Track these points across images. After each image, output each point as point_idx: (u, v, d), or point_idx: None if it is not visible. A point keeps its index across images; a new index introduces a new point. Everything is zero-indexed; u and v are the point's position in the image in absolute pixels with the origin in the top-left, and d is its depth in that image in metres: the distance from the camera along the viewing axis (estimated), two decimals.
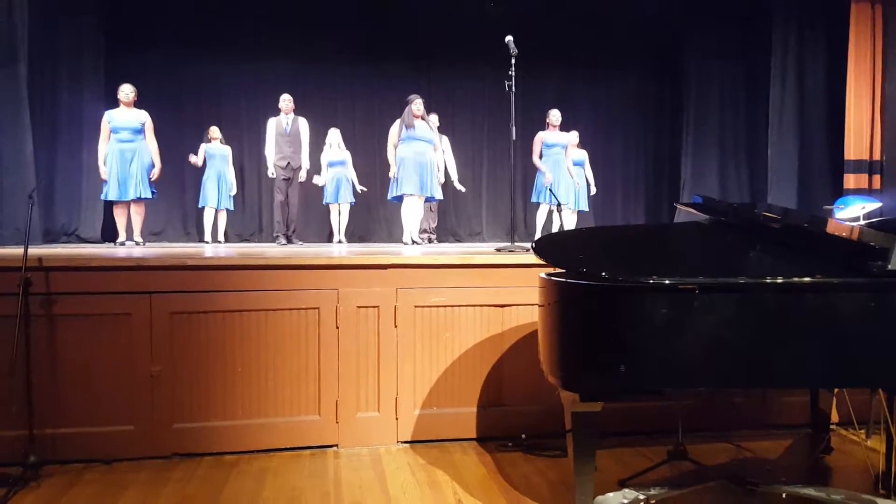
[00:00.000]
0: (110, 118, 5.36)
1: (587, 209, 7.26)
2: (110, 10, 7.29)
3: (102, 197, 5.53)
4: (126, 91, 5.39)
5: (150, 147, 5.49)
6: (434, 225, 7.21)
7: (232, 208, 7.15)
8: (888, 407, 2.23)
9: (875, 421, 3.02)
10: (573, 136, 7.06)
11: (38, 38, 5.77)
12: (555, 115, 6.61)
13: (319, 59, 8.12)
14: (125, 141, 5.35)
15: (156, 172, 5.55)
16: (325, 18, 7.98)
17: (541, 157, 6.62)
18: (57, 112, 6.60)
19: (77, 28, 6.80)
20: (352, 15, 7.99)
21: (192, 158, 6.81)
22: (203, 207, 6.92)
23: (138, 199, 5.48)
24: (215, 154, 6.85)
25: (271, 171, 6.37)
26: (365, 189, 7.31)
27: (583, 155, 7.25)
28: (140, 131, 5.43)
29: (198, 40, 7.73)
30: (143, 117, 5.47)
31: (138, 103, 5.52)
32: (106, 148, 5.36)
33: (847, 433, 3.22)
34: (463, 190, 7.25)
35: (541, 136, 6.63)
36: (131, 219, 5.59)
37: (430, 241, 6.95)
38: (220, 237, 6.99)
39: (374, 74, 8.33)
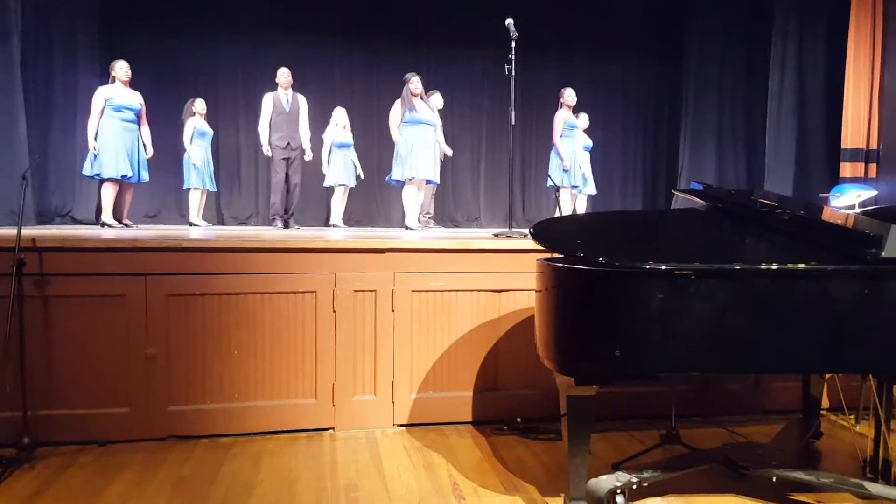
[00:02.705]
0: (108, 95, 5.15)
1: (594, 192, 7.24)
2: None
3: (96, 174, 5.21)
4: (125, 69, 5.20)
5: (145, 131, 5.42)
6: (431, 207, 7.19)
7: (215, 189, 7.00)
8: (878, 393, 2.25)
9: (865, 407, 3.06)
10: (583, 118, 7.00)
11: (31, 15, 5.68)
12: (570, 94, 6.33)
13: (318, 39, 8.03)
14: (129, 121, 5.22)
15: (150, 152, 5.49)
16: None
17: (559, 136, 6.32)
18: (51, 91, 6.51)
19: (70, 5, 6.69)
20: None
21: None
22: (189, 189, 6.62)
23: (135, 182, 5.39)
24: (204, 132, 6.59)
25: (266, 150, 6.05)
26: (362, 178, 7.23)
27: (588, 140, 7.21)
28: (139, 113, 5.32)
29: (193, 17, 7.62)
30: (140, 99, 5.34)
31: (137, 83, 5.42)
32: (97, 124, 5.13)
33: (837, 418, 3.26)
34: (451, 153, 7.01)
35: (562, 116, 6.31)
36: (123, 200, 5.44)
37: (427, 224, 6.94)
38: (199, 220, 6.69)
39: (372, 56, 8.25)
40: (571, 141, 6.34)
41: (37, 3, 5.93)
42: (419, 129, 5.50)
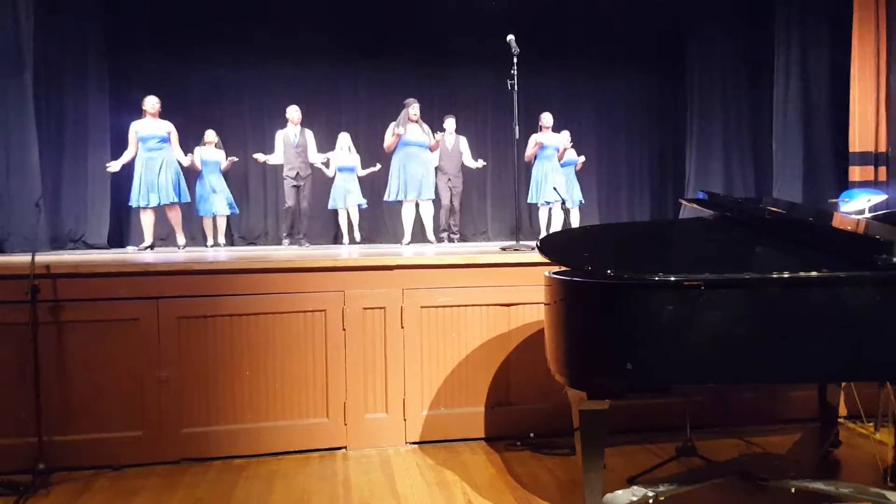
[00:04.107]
0: (137, 129, 5.60)
1: (576, 205, 7.48)
2: (113, 17, 7.32)
3: (131, 203, 5.71)
4: (151, 102, 5.65)
5: (175, 155, 5.75)
6: (455, 221, 7.27)
7: (235, 211, 7.13)
8: None
9: (883, 414, 3.02)
10: (564, 136, 7.29)
11: (42, 45, 5.80)
12: (546, 118, 6.92)
13: (322, 61, 8.13)
14: (153, 150, 5.58)
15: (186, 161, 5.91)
16: (327, 20, 8.00)
17: (535, 157, 6.95)
18: (62, 119, 6.62)
19: (81, 35, 6.82)
20: (354, 16, 8.01)
21: (190, 159, 6.71)
22: (202, 216, 6.86)
23: (171, 204, 5.70)
24: (209, 160, 6.77)
25: (262, 156, 6.66)
26: (376, 167, 7.27)
27: (573, 155, 7.51)
28: (166, 140, 5.66)
29: (201, 45, 7.76)
30: (168, 127, 5.70)
31: (142, 108, 5.63)
32: (131, 155, 5.59)
33: (855, 426, 3.21)
34: (483, 163, 7.43)
35: (534, 138, 6.92)
36: (171, 222, 5.91)
37: (450, 239, 7.08)
38: (221, 240, 6.97)
39: (376, 76, 8.34)
40: (545, 161, 6.84)
41: (48, 36, 6.04)
42: (409, 152, 5.76)
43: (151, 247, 5.72)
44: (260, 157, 6.67)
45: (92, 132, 6.81)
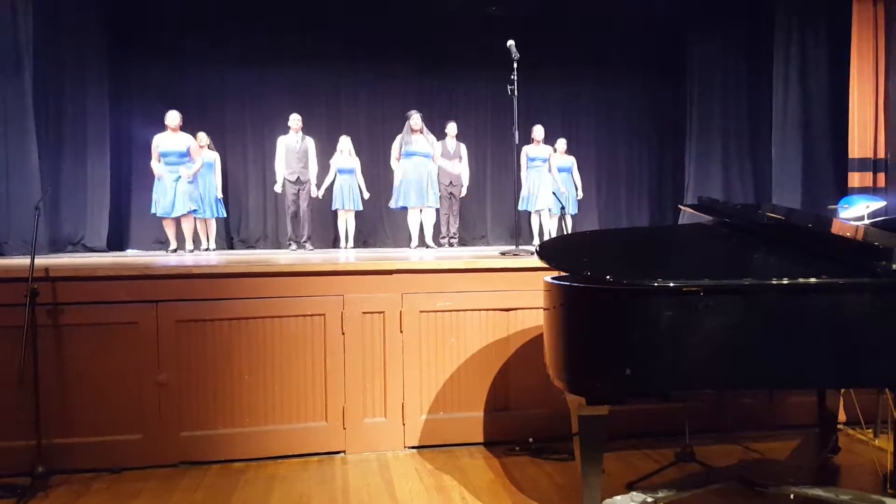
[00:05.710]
0: (158, 143, 5.87)
1: (575, 212, 7.60)
2: (114, 20, 7.34)
3: (152, 212, 6.02)
4: (172, 117, 5.90)
5: (193, 167, 6.01)
6: (455, 228, 7.30)
7: (222, 215, 7.16)
8: (895, 406, 2.22)
9: (883, 420, 3.01)
10: (560, 143, 7.47)
11: (42, 48, 5.81)
12: (538, 131, 7.15)
13: (323, 66, 8.17)
14: (171, 164, 5.88)
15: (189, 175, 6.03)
16: (328, 25, 8.03)
17: (525, 168, 7.15)
18: (61, 122, 6.62)
19: (81, 38, 6.83)
20: (355, 21, 8.04)
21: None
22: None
23: (186, 214, 5.99)
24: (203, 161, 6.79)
25: (278, 186, 6.88)
26: (367, 195, 7.33)
27: (570, 161, 7.59)
28: (185, 154, 5.93)
29: (201, 49, 7.79)
30: (188, 142, 5.98)
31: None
32: (157, 166, 5.89)
33: (855, 433, 3.21)
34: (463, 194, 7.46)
35: (524, 151, 7.09)
36: (182, 230, 6.14)
37: (450, 244, 7.12)
38: (212, 245, 6.98)
39: (377, 80, 8.37)
40: (537, 171, 7.09)
41: (47, 38, 6.05)
42: (414, 162, 6.02)
43: (176, 250, 6.00)
44: (277, 187, 6.86)
45: (91, 135, 6.82)
